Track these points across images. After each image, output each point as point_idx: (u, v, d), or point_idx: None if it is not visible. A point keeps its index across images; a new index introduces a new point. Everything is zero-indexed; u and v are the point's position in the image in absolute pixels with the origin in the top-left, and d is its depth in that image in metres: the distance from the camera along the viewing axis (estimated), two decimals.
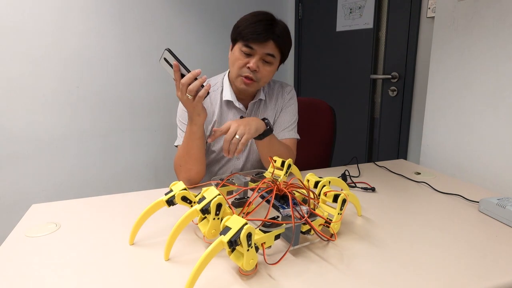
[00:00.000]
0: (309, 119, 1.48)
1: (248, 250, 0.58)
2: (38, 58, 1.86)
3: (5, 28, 1.77)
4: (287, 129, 1.20)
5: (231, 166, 1.21)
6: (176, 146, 1.14)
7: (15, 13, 1.77)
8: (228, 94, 1.13)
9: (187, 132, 0.99)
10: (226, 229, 0.58)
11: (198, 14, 2.20)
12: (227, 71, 1.17)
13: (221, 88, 1.16)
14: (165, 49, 0.87)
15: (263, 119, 1.00)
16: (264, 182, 0.78)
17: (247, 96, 1.16)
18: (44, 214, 0.88)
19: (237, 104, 1.13)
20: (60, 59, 1.91)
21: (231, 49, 1.09)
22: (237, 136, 0.91)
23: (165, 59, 0.89)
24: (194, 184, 1.06)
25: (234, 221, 0.58)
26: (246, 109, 1.17)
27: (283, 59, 1.10)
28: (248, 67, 1.04)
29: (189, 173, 1.04)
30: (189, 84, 0.88)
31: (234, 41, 1.07)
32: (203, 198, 0.68)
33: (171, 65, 0.89)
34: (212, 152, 1.19)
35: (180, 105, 1.15)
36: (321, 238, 0.74)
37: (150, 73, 2.14)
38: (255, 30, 1.00)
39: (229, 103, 1.15)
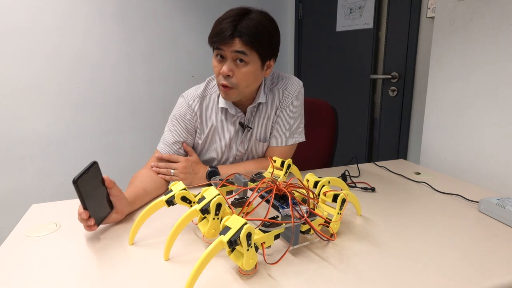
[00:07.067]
0: (310, 119, 1.47)
1: (248, 250, 0.58)
2: (38, 59, 1.86)
3: (7, 30, 1.77)
4: (282, 135, 1.09)
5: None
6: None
7: (17, 15, 1.77)
8: (223, 100, 1.04)
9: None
10: (226, 229, 0.58)
11: (200, 14, 2.20)
12: None
13: (218, 93, 1.06)
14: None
15: (211, 168, 1.04)
16: (264, 182, 0.78)
17: (245, 99, 1.05)
18: (44, 214, 0.88)
19: (232, 111, 1.04)
20: (60, 60, 1.91)
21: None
22: (172, 171, 1.00)
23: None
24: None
25: (234, 221, 0.58)
26: (245, 114, 1.07)
27: (264, 56, 0.95)
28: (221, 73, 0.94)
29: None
30: None
31: (212, 49, 0.97)
32: (203, 198, 0.68)
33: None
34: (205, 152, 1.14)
35: (180, 104, 1.08)
36: (320, 237, 0.74)
37: (150, 74, 2.15)
38: (218, 31, 0.91)
39: (224, 110, 1.06)
